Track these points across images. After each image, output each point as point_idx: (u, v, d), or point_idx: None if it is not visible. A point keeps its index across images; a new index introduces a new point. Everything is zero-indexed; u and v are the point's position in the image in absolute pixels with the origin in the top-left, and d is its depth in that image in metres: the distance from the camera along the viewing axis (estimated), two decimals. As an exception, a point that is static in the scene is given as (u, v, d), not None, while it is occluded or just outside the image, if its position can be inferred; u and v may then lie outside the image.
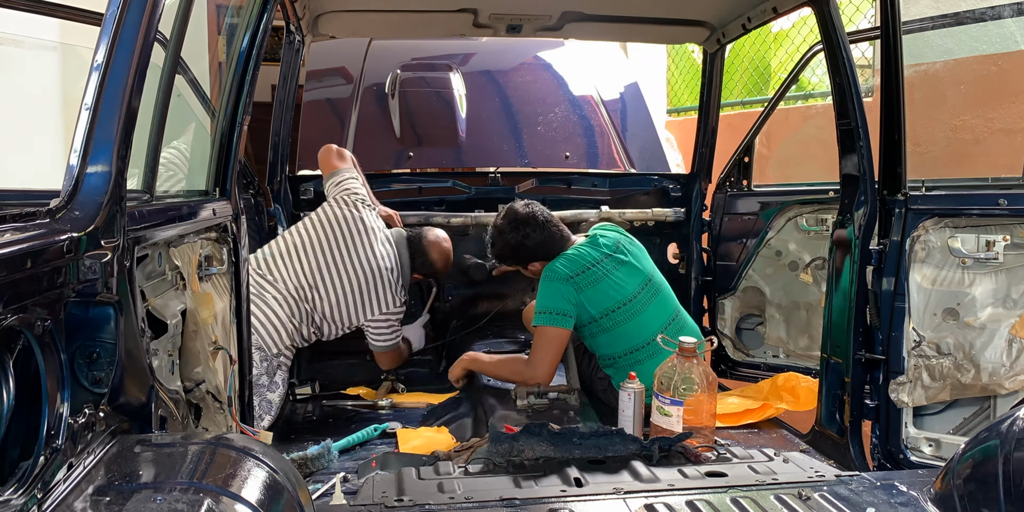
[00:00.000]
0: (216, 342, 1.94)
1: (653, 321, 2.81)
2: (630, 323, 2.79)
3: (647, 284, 2.87)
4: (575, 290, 2.75)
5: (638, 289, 2.83)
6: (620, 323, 2.78)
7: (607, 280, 2.79)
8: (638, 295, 2.82)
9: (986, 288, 2.29)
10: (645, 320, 2.80)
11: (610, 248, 2.88)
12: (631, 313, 2.79)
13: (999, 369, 2.25)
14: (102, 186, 1.26)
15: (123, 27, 1.33)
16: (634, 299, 2.81)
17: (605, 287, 2.78)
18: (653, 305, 2.85)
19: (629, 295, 2.80)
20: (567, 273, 2.77)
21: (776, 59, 5.76)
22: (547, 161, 4.05)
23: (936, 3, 3.55)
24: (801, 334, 3.35)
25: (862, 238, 2.46)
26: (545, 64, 4.50)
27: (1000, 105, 3.66)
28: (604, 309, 2.77)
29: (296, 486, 1.24)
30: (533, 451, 1.99)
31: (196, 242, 1.89)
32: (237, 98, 2.19)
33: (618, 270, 2.83)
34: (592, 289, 2.76)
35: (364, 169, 3.81)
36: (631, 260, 2.88)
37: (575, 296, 2.75)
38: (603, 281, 2.78)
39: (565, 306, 2.75)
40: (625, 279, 2.82)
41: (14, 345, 1.09)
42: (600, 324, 2.78)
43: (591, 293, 2.76)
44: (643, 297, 2.83)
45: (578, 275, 2.77)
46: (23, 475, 1.05)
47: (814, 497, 1.78)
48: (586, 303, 2.76)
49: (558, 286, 2.76)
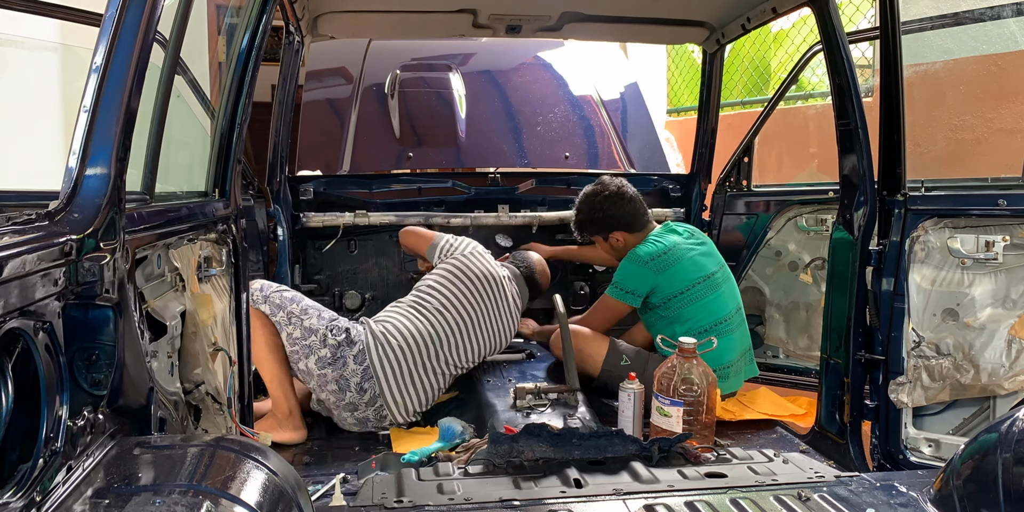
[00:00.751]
0: (216, 343, 1.94)
1: (728, 300, 3.04)
2: (712, 295, 2.99)
3: (722, 268, 3.09)
4: (653, 272, 2.97)
5: (716, 269, 3.05)
6: (704, 295, 2.97)
7: (686, 260, 3.00)
8: (716, 273, 3.03)
9: (985, 288, 2.29)
10: (723, 296, 3.02)
11: (686, 235, 3.11)
12: (712, 287, 3.00)
13: (998, 369, 2.25)
14: (101, 188, 1.26)
15: (122, 28, 1.33)
16: (713, 276, 3.02)
17: (685, 265, 2.99)
18: (728, 286, 3.07)
19: (708, 272, 3.01)
20: (647, 257, 2.99)
21: (776, 59, 5.76)
22: (547, 161, 4.05)
23: (936, 3, 3.54)
24: (801, 334, 3.35)
25: (862, 238, 2.46)
26: (545, 64, 4.50)
27: (1000, 105, 3.66)
28: (686, 284, 2.96)
29: (296, 488, 1.24)
30: (533, 452, 1.99)
31: (196, 243, 1.89)
32: (237, 98, 2.19)
33: (695, 252, 3.04)
34: (672, 269, 2.97)
35: (363, 169, 3.82)
36: (707, 247, 3.11)
37: (653, 277, 2.97)
38: (682, 261, 2.99)
39: (638, 286, 2.99)
40: (702, 260, 3.03)
41: (13, 347, 1.09)
42: (686, 296, 2.97)
43: (672, 272, 2.97)
44: (720, 277, 3.05)
45: (658, 258, 2.98)
46: (22, 478, 1.05)
47: (814, 498, 1.78)
48: (666, 282, 2.96)
49: (637, 268, 2.99)
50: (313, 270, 3.74)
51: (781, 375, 3.46)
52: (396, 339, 2.74)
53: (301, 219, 3.52)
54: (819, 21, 2.60)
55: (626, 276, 3.01)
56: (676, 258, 2.98)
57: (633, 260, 3.01)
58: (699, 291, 2.97)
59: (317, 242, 3.70)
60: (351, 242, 3.76)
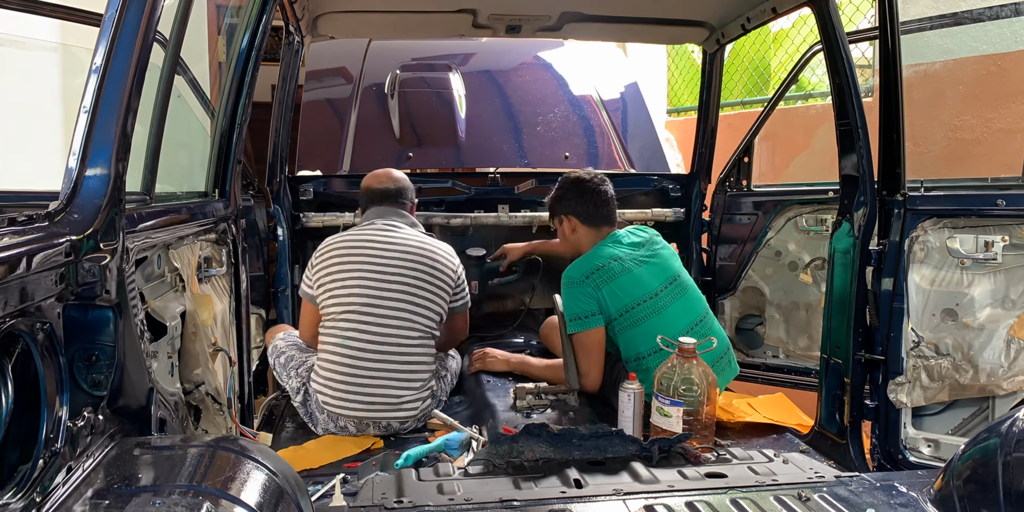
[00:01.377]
0: (216, 344, 1.94)
1: (677, 320, 2.78)
2: (653, 320, 2.76)
3: (672, 282, 2.85)
4: (592, 289, 2.77)
5: (661, 286, 2.81)
6: (643, 319, 2.76)
7: (627, 276, 2.78)
8: (661, 292, 2.80)
9: (985, 289, 2.29)
10: (669, 317, 2.78)
11: (634, 245, 2.90)
12: (654, 309, 2.77)
13: (997, 370, 2.25)
14: (101, 189, 1.26)
15: (122, 28, 1.33)
16: (656, 295, 2.79)
17: (624, 282, 2.77)
18: (678, 304, 2.83)
19: (651, 291, 2.79)
20: (579, 276, 2.79)
21: (776, 59, 5.76)
22: (547, 161, 4.05)
23: (936, 3, 3.54)
24: (801, 334, 3.35)
25: (861, 239, 2.46)
26: (545, 64, 4.50)
27: (1000, 105, 3.65)
28: (625, 305, 2.76)
29: (295, 488, 1.24)
30: (533, 452, 1.99)
31: (195, 244, 1.89)
32: (237, 98, 2.20)
33: (640, 267, 2.82)
34: (611, 285, 2.76)
35: (364, 169, 3.80)
36: (655, 260, 2.88)
37: (595, 294, 2.77)
38: (622, 277, 2.78)
39: (589, 306, 2.77)
40: (647, 276, 2.81)
41: (13, 348, 1.09)
42: (624, 319, 2.77)
43: (610, 289, 2.76)
44: (666, 295, 2.81)
45: (591, 275, 2.78)
46: (22, 479, 1.05)
47: (814, 498, 1.78)
48: (606, 299, 2.76)
49: (576, 290, 2.79)
50: None
51: (781, 375, 3.46)
52: (328, 372, 2.60)
53: (301, 219, 3.52)
54: (819, 21, 2.60)
55: (571, 302, 2.80)
56: (612, 274, 2.77)
57: (568, 284, 2.82)
58: (640, 313, 2.76)
59: (317, 242, 3.70)
60: None
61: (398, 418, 2.60)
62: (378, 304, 2.60)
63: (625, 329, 2.78)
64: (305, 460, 2.42)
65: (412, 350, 2.63)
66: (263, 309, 3.35)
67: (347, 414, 2.56)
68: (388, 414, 2.58)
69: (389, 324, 2.60)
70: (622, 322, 2.77)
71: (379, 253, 2.68)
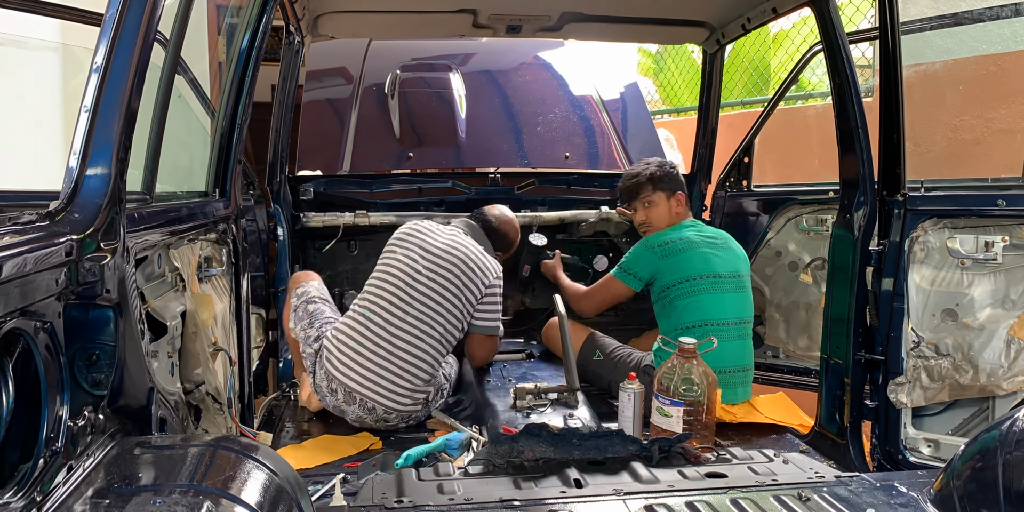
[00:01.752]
0: (216, 343, 1.94)
1: (731, 307, 2.93)
2: (712, 295, 2.91)
3: (736, 277, 2.98)
4: (658, 257, 2.96)
5: (726, 274, 2.95)
6: (702, 291, 2.90)
7: (695, 252, 2.95)
8: (725, 278, 2.94)
9: (985, 289, 2.29)
10: (725, 302, 2.92)
11: (712, 238, 3.04)
12: (714, 286, 2.91)
13: (997, 370, 2.25)
14: (101, 188, 1.27)
15: (123, 28, 1.33)
16: (719, 278, 2.93)
17: (691, 257, 2.94)
18: (736, 295, 2.96)
19: (715, 273, 2.93)
20: (655, 243, 3.01)
21: (776, 59, 5.76)
22: (547, 161, 4.05)
23: (936, 3, 3.54)
24: (801, 334, 3.35)
25: (862, 239, 2.46)
26: (545, 64, 4.50)
27: (1000, 105, 3.65)
28: (686, 275, 2.91)
29: (296, 488, 1.24)
30: (533, 452, 1.99)
31: (196, 243, 1.89)
32: (237, 98, 2.20)
33: (711, 251, 2.98)
34: (676, 257, 2.94)
35: (364, 169, 3.81)
36: (728, 252, 3.02)
37: (656, 263, 2.96)
38: (690, 252, 2.95)
39: (640, 270, 3.00)
40: (713, 259, 2.95)
41: (14, 347, 1.09)
42: (682, 287, 2.92)
43: (675, 260, 2.94)
44: (729, 283, 2.95)
45: (666, 245, 2.98)
46: (23, 478, 1.05)
47: (814, 498, 1.78)
48: (667, 269, 2.94)
49: (644, 252, 3.01)
50: (313, 270, 3.74)
51: (781, 375, 3.46)
52: (342, 334, 2.70)
53: (301, 219, 3.52)
54: (819, 21, 2.60)
55: (632, 258, 3.04)
56: (684, 248, 2.95)
57: (642, 244, 3.04)
58: (699, 285, 2.91)
59: (317, 242, 3.71)
60: (351, 242, 3.76)
61: (383, 405, 2.63)
62: (411, 293, 2.72)
63: (681, 297, 2.92)
64: (303, 460, 2.43)
65: (420, 348, 2.69)
66: (263, 309, 3.35)
67: (340, 379, 2.64)
68: (375, 397, 2.62)
69: (412, 315, 2.70)
70: (679, 289, 2.93)
71: (429, 247, 2.83)
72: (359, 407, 2.65)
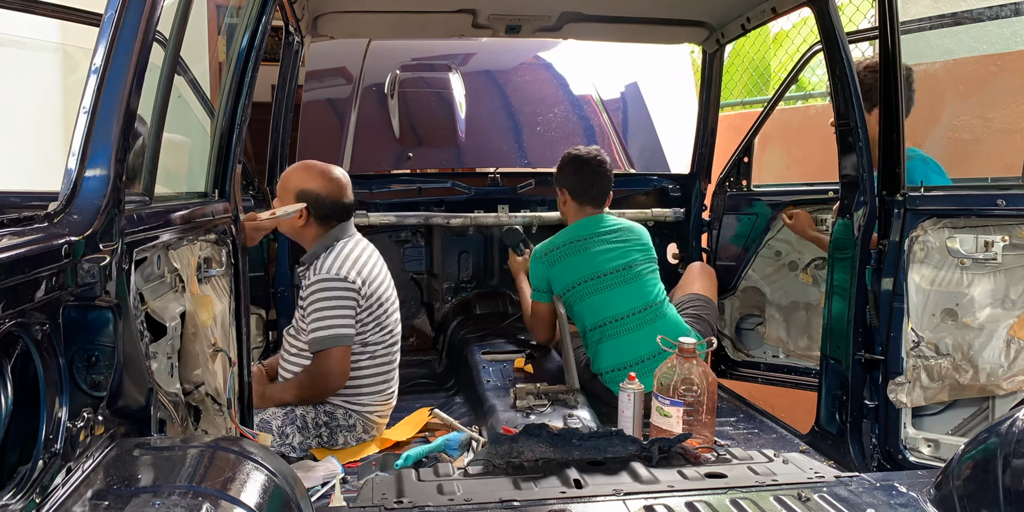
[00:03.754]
0: (215, 344, 1.94)
1: (621, 302, 2.93)
2: (597, 297, 2.94)
3: (625, 268, 2.98)
4: (546, 266, 3.03)
5: (611, 269, 2.97)
6: (588, 295, 2.95)
7: (579, 256, 2.98)
8: (610, 275, 2.96)
9: (985, 289, 2.29)
10: (614, 298, 2.93)
11: (603, 228, 3.04)
12: (598, 288, 2.94)
13: (997, 370, 2.25)
14: (100, 189, 1.26)
15: (122, 29, 1.33)
16: (604, 276, 2.95)
17: (575, 261, 2.98)
18: (626, 288, 2.95)
19: (601, 271, 2.96)
20: (541, 253, 3.06)
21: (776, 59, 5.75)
22: (547, 161, 4.04)
23: (936, 3, 3.54)
24: (801, 334, 3.35)
25: (861, 238, 2.46)
26: (545, 64, 4.49)
27: (1000, 105, 3.65)
28: (571, 282, 2.97)
29: (295, 489, 1.24)
30: (532, 452, 1.99)
31: (195, 244, 1.89)
32: (237, 98, 2.19)
33: (600, 247, 2.99)
34: (562, 264, 2.99)
35: (364, 169, 3.81)
36: (618, 245, 3.02)
37: (546, 272, 3.03)
38: (574, 257, 2.99)
39: (538, 282, 3.08)
40: (601, 257, 2.97)
41: (12, 349, 1.09)
42: (571, 294, 2.98)
43: (560, 267, 2.99)
44: (615, 278, 2.96)
45: (549, 253, 3.03)
46: (22, 479, 1.05)
47: (813, 498, 1.78)
48: (555, 277, 3.01)
49: (534, 265, 3.09)
50: None
51: (781, 375, 3.46)
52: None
53: None
54: (819, 21, 2.60)
55: (531, 274, 3.12)
56: (568, 253, 2.98)
57: (533, 257, 3.10)
58: (585, 289, 2.94)
59: None
60: None
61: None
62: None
63: (573, 303, 3.00)
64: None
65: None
66: (263, 309, 3.35)
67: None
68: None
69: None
70: (570, 296, 2.99)
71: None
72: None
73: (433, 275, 3.96)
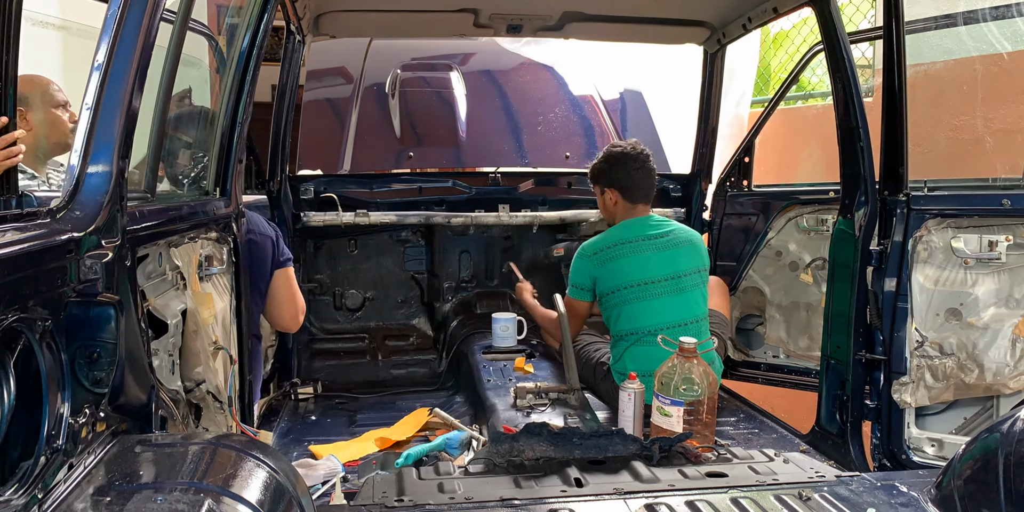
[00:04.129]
0: (216, 342, 1.94)
1: (663, 313, 2.83)
2: (638, 305, 2.84)
3: (673, 278, 2.87)
4: (593, 266, 2.91)
5: (661, 278, 2.86)
6: (629, 301, 2.85)
7: (628, 259, 2.87)
8: (657, 282, 2.85)
9: (989, 288, 2.29)
10: (656, 308, 2.83)
11: (654, 231, 2.94)
12: (641, 296, 2.85)
13: (1003, 369, 2.25)
14: (103, 186, 1.26)
15: (123, 27, 1.33)
16: (650, 284, 2.85)
17: (624, 264, 2.86)
18: (670, 299, 2.86)
19: (648, 278, 2.85)
20: (590, 251, 2.94)
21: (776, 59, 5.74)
22: (547, 161, 4.05)
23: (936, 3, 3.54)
24: (801, 334, 3.35)
25: (863, 239, 2.45)
26: (545, 64, 4.49)
27: (1000, 105, 3.65)
28: (617, 284, 2.86)
29: (296, 486, 1.24)
30: (533, 451, 1.98)
31: (197, 242, 1.89)
32: (237, 98, 2.19)
33: (650, 253, 2.88)
34: (611, 264, 2.87)
35: (364, 169, 3.81)
36: (670, 251, 2.91)
37: (594, 271, 2.91)
38: (623, 259, 2.87)
39: (582, 280, 2.95)
40: (650, 262, 2.86)
41: (15, 345, 1.08)
42: (614, 297, 2.88)
43: (610, 268, 2.88)
44: (662, 287, 2.85)
45: (600, 252, 2.90)
46: (24, 475, 1.05)
47: (814, 497, 1.78)
48: (603, 277, 2.89)
49: (581, 261, 2.96)
50: (313, 270, 3.74)
51: (781, 375, 3.46)
52: None
53: (302, 218, 3.52)
54: (820, 21, 2.60)
55: (573, 270, 3.00)
56: (618, 254, 2.87)
57: (579, 254, 2.98)
58: (629, 295, 2.85)
59: (317, 241, 3.71)
60: (351, 242, 3.76)
61: None
62: None
63: (613, 307, 2.90)
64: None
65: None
66: None
67: None
68: None
69: None
70: (612, 299, 2.90)
71: None
72: None
73: (434, 274, 3.96)
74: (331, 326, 3.74)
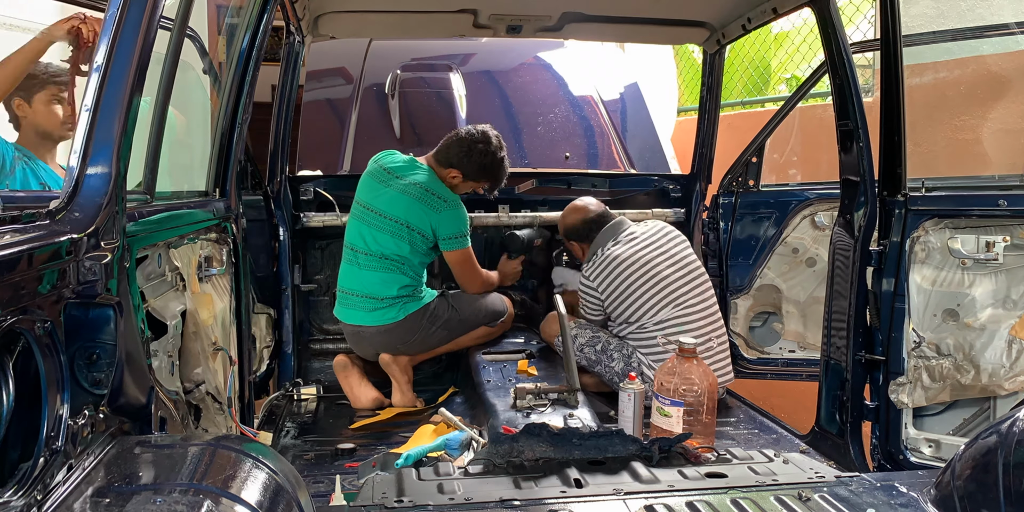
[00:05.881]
0: (216, 343, 1.94)
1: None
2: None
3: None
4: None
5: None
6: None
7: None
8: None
9: (986, 289, 2.29)
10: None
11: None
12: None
13: (999, 370, 2.25)
14: (102, 187, 1.26)
15: (123, 28, 1.33)
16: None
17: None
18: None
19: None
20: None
21: (776, 59, 5.75)
22: (547, 161, 4.05)
23: (936, 3, 3.54)
24: (818, 327, 3.34)
25: (862, 239, 2.46)
26: (545, 64, 4.50)
27: (1000, 105, 3.65)
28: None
29: (296, 487, 1.24)
30: (533, 452, 1.98)
31: (196, 243, 1.89)
32: (237, 98, 2.19)
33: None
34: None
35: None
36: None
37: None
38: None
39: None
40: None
41: (14, 346, 1.09)
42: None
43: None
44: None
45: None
46: (23, 476, 1.05)
47: (814, 498, 1.78)
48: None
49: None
50: (313, 270, 3.74)
51: (799, 369, 3.47)
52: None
53: (301, 219, 3.52)
54: (820, 21, 2.60)
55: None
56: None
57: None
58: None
59: (317, 242, 3.71)
60: None
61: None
62: None
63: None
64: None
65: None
66: (273, 308, 3.35)
67: None
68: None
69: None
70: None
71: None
72: None
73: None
74: (331, 326, 3.74)
